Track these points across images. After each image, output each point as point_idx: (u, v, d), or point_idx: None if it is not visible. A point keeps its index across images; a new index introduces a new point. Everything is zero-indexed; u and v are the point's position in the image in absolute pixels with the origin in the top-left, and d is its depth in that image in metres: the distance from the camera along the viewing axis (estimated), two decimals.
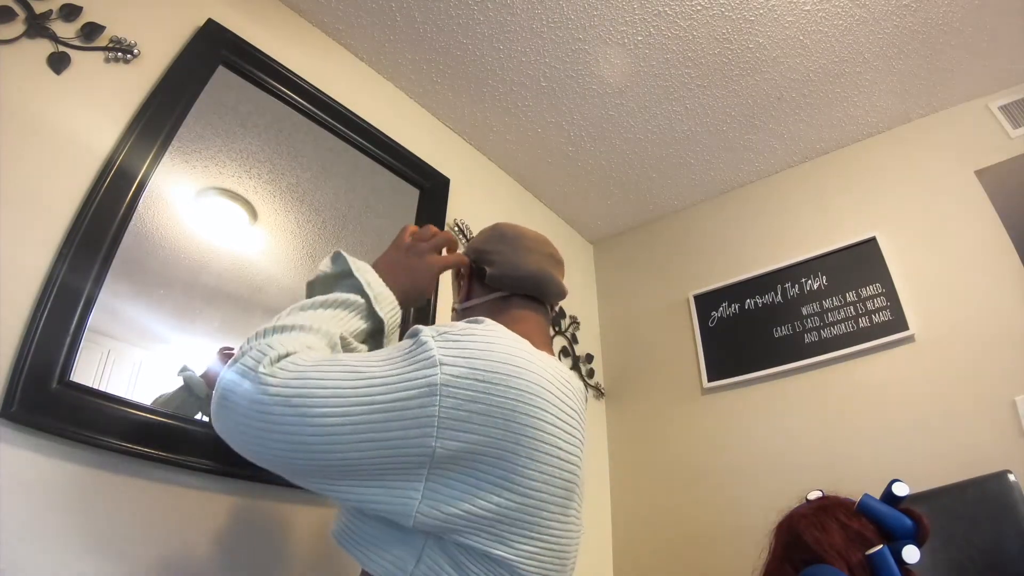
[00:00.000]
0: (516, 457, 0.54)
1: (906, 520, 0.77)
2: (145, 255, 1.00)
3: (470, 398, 0.52)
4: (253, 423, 0.50)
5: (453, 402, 0.52)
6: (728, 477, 1.64)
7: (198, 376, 1.01)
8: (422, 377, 0.52)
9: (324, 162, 1.38)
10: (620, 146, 1.85)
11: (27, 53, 0.93)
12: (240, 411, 0.51)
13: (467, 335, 0.56)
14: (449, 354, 0.54)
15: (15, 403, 0.77)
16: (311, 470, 0.52)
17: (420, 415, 0.51)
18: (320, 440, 0.50)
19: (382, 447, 0.51)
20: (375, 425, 0.50)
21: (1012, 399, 1.31)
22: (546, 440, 0.57)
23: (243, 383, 0.51)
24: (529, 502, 0.56)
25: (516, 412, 0.54)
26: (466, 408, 0.52)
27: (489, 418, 0.53)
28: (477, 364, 0.54)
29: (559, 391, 0.60)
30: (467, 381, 0.53)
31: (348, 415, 0.50)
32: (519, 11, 1.44)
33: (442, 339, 0.55)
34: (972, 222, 1.54)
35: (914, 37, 1.50)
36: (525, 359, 0.58)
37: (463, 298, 0.81)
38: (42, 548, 0.75)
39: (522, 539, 0.56)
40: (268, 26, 1.35)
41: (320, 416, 0.50)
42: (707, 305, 1.91)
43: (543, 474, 0.57)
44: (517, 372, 0.56)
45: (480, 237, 0.85)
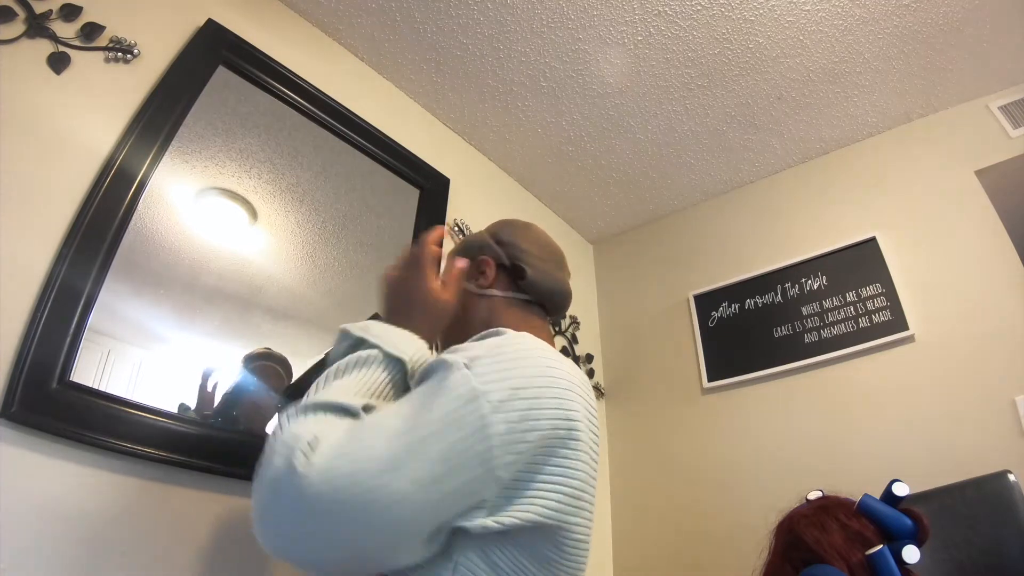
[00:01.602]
0: (565, 459, 0.56)
1: (906, 520, 0.77)
2: (145, 255, 1.00)
3: (519, 418, 0.53)
4: (307, 530, 0.44)
5: (505, 427, 0.51)
6: (728, 477, 1.64)
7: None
8: (469, 413, 0.50)
9: (324, 162, 1.38)
10: (620, 146, 1.85)
11: (27, 53, 0.93)
12: (288, 522, 0.45)
13: (497, 355, 0.56)
14: (487, 380, 0.53)
15: (15, 403, 0.77)
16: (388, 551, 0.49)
17: (480, 451, 0.50)
18: (389, 517, 0.46)
19: (452, 496, 0.49)
20: (439, 477, 0.48)
21: (1012, 399, 1.31)
22: (583, 436, 0.59)
23: (279, 490, 0.45)
24: (580, 488, 0.58)
25: (559, 418, 0.56)
26: (518, 428, 0.52)
27: (541, 431, 0.54)
28: (516, 383, 0.54)
29: (583, 390, 0.63)
30: (511, 403, 0.53)
31: (408, 479, 0.46)
32: (519, 11, 1.44)
33: (475, 366, 0.53)
34: (972, 222, 1.54)
35: (914, 37, 1.50)
36: (555, 365, 0.60)
37: (486, 284, 0.81)
38: (42, 548, 0.75)
39: (575, 525, 0.58)
40: (268, 26, 1.35)
41: (378, 491, 0.45)
42: (707, 305, 1.91)
43: (586, 464, 0.59)
44: (554, 382, 0.58)
45: (518, 232, 0.85)
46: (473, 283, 0.81)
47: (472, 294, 0.81)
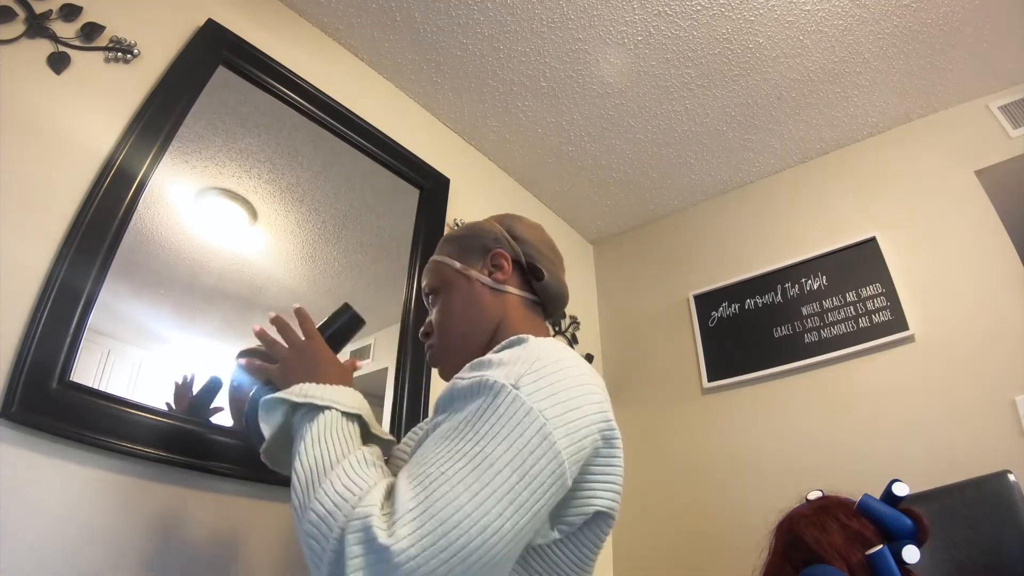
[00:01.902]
0: (614, 453, 0.59)
1: (906, 520, 0.77)
2: (145, 255, 1.00)
3: (575, 429, 0.54)
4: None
5: (567, 441, 0.52)
6: (728, 477, 1.64)
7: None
8: (536, 436, 0.50)
9: (324, 162, 1.38)
10: (620, 146, 1.85)
11: (27, 53, 0.93)
12: None
13: (539, 368, 0.55)
14: (539, 398, 0.52)
15: (15, 403, 0.77)
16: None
17: (555, 471, 0.50)
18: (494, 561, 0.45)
19: (538, 516, 0.50)
20: (528, 506, 0.48)
21: (1012, 399, 1.31)
22: (616, 433, 0.60)
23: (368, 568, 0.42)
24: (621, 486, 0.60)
25: (601, 420, 0.57)
26: (576, 439, 0.54)
27: (591, 435, 0.56)
28: (562, 397, 0.54)
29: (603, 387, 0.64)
30: (566, 416, 0.53)
31: (503, 519, 0.45)
32: (519, 11, 1.44)
33: (523, 384, 0.53)
34: (972, 222, 1.54)
35: (914, 37, 1.50)
36: (585, 371, 0.60)
37: (503, 279, 0.77)
38: (42, 548, 0.75)
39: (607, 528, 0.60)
40: (268, 26, 1.35)
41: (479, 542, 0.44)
42: (707, 305, 1.91)
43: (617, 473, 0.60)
44: (591, 387, 0.58)
45: (530, 231, 0.83)
46: (487, 275, 0.78)
47: (485, 287, 0.77)
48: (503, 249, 0.79)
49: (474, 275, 0.78)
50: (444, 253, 0.82)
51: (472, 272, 0.78)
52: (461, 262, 0.79)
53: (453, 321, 0.76)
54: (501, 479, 0.46)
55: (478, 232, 0.82)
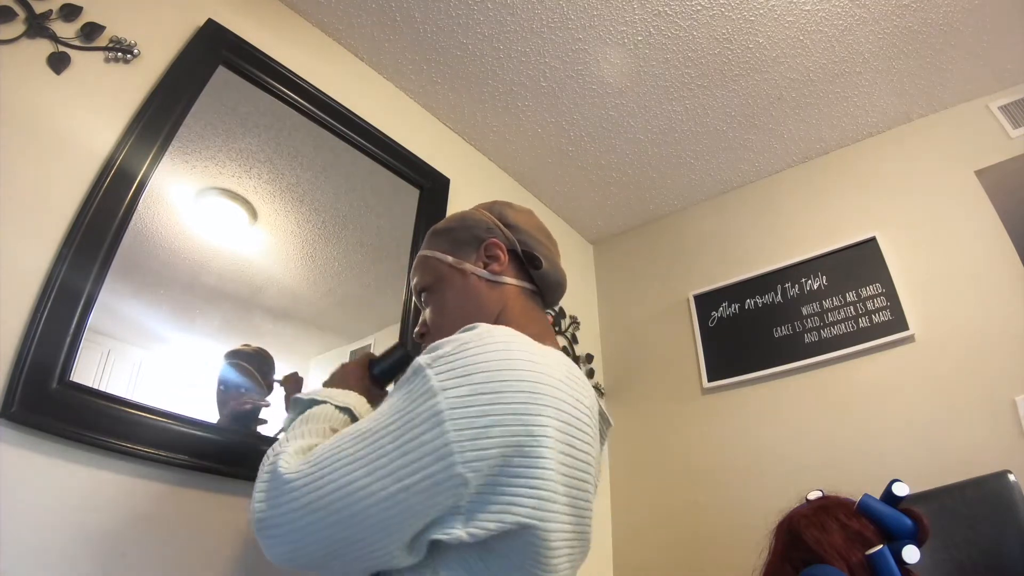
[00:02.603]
0: (540, 459, 0.53)
1: (906, 520, 0.77)
2: (145, 255, 1.00)
3: (480, 413, 0.51)
4: (288, 522, 0.51)
5: (465, 422, 0.50)
6: (728, 477, 1.64)
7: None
8: (426, 409, 0.51)
9: (324, 162, 1.38)
10: (620, 146, 1.85)
11: (27, 53, 0.93)
12: (276, 516, 0.52)
13: (460, 351, 0.54)
14: (447, 377, 0.52)
15: (15, 403, 0.77)
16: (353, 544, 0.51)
17: (434, 446, 0.49)
18: (353, 511, 0.50)
19: (412, 492, 0.49)
20: (397, 473, 0.49)
21: (1012, 399, 1.31)
22: (552, 435, 0.54)
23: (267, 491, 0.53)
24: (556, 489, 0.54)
25: (529, 413, 0.53)
26: (479, 424, 0.50)
27: (505, 427, 0.51)
28: (477, 378, 0.52)
29: (566, 383, 0.58)
30: (471, 398, 0.51)
31: (369, 474, 0.50)
32: (519, 11, 1.44)
33: (437, 365, 0.53)
34: (972, 222, 1.54)
35: (914, 37, 1.50)
36: (525, 357, 0.56)
37: (499, 270, 0.75)
38: (42, 548, 0.75)
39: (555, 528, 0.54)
40: (268, 26, 1.35)
41: (344, 487, 0.50)
42: (707, 305, 1.91)
43: (562, 464, 0.55)
44: (519, 375, 0.54)
45: (523, 218, 0.80)
46: (483, 267, 0.75)
47: (481, 279, 0.74)
48: (497, 238, 0.76)
49: (469, 268, 0.75)
50: (434, 248, 0.79)
51: (467, 265, 0.75)
52: (454, 256, 0.76)
53: (451, 318, 0.73)
54: (380, 444, 0.51)
55: (468, 223, 0.79)
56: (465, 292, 0.74)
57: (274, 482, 0.53)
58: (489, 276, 0.74)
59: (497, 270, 0.75)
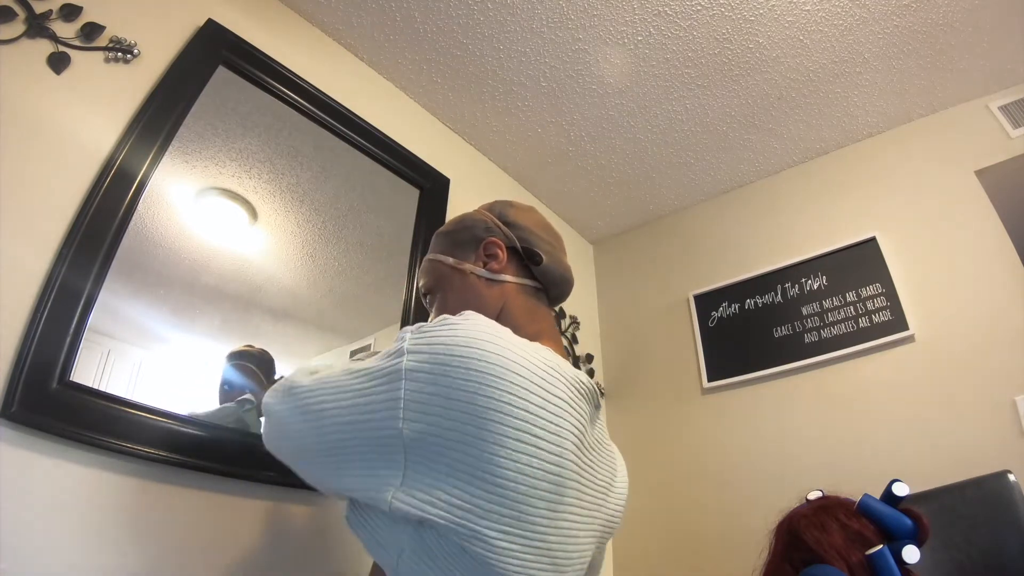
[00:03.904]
0: (483, 443, 0.51)
1: (906, 520, 0.77)
2: (145, 255, 1.00)
3: (430, 380, 0.53)
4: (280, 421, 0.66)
5: (415, 386, 0.53)
6: (728, 477, 1.64)
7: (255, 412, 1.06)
8: (390, 366, 0.56)
9: (324, 162, 1.38)
10: (620, 146, 1.85)
11: (27, 53, 0.93)
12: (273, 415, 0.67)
13: (440, 325, 0.57)
14: (418, 343, 0.56)
15: (15, 403, 0.77)
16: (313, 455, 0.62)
17: (386, 397, 0.54)
18: (316, 422, 0.61)
19: (361, 429, 0.56)
20: (355, 408, 0.57)
21: (1012, 399, 1.31)
22: (517, 427, 0.52)
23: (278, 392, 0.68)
24: (504, 493, 0.51)
25: (478, 395, 0.51)
26: (427, 391, 0.53)
27: (450, 401, 0.51)
28: (438, 349, 0.54)
29: (536, 377, 0.55)
30: (427, 365, 0.53)
31: (337, 401, 0.59)
32: (519, 11, 1.44)
33: (417, 332, 0.57)
34: (972, 222, 1.54)
35: (914, 37, 1.50)
36: (492, 343, 0.54)
37: (498, 268, 0.75)
38: (42, 548, 0.75)
39: (499, 534, 0.52)
40: (268, 26, 1.35)
41: (318, 403, 0.61)
42: (707, 305, 1.91)
43: (517, 463, 0.52)
44: (479, 355, 0.52)
45: (523, 215, 0.80)
46: (482, 267, 0.75)
47: (481, 279, 0.74)
48: (496, 237, 0.76)
49: (468, 268, 0.75)
50: (437, 250, 0.80)
51: (466, 265, 0.76)
52: (454, 257, 0.77)
53: None
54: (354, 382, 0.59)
55: (468, 223, 0.80)
56: (465, 292, 0.75)
57: (285, 386, 0.67)
58: (488, 275, 0.75)
59: (496, 268, 0.75)
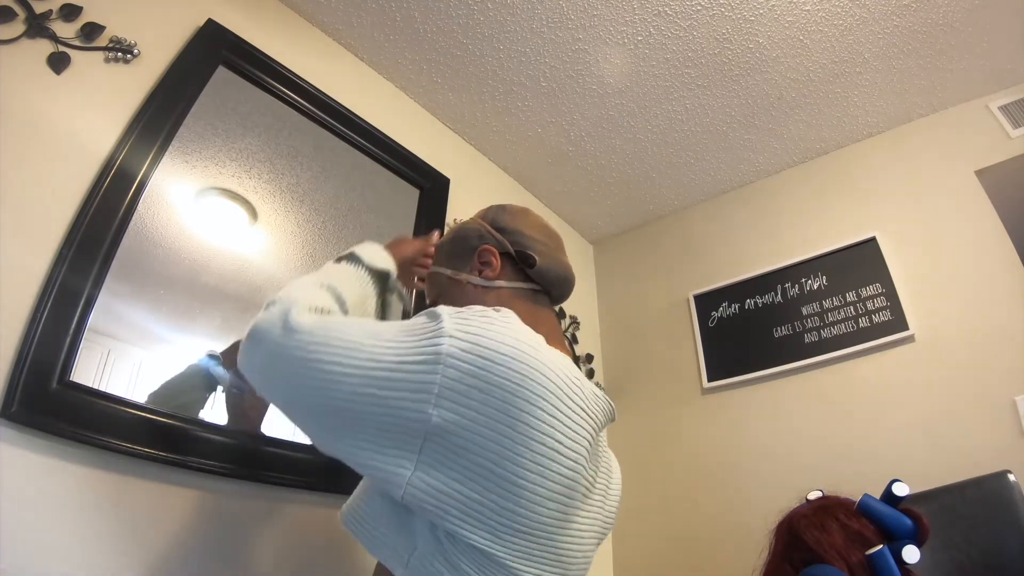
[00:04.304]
0: (511, 443, 0.52)
1: (906, 520, 0.77)
2: (145, 255, 1.00)
3: (471, 372, 0.52)
4: (275, 361, 0.56)
5: (455, 373, 0.52)
6: (728, 477, 1.64)
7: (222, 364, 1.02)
8: (430, 346, 0.53)
9: (324, 162, 1.38)
10: (620, 146, 1.85)
11: (27, 53, 0.93)
12: (265, 349, 0.56)
13: (481, 316, 0.57)
14: (459, 328, 0.54)
15: (15, 403, 0.77)
16: (318, 413, 0.55)
17: (421, 380, 0.52)
18: (325, 385, 0.53)
19: (382, 405, 0.52)
20: (379, 382, 0.52)
21: (1012, 399, 1.31)
22: (544, 432, 0.54)
23: (274, 325, 0.57)
24: (522, 495, 0.53)
25: (515, 396, 0.52)
26: (466, 382, 0.52)
27: (487, 396, 0.52)
28: (483, 341, 0.54)
29: (566, 387, 0.57)
30: (470, 356, 0.53)
31: (356, 367, 0.53)
32: (519, 11, 1.44)
33: (457, 317, 0.56)
34: (972, 222, 1.54)
35: (914, 37, 1.50)
36: (532, 347, 0.56)
37: (493, 275, 0.75)
38: (42, 548, 0.75)
39: (513, 535, 0.54)
40: (268, 26, 1.35)
41: (331, 363, 0.53)
42: (707, 305, 1.91)
43: (539, 466, 0.54)
44: (521, 356, 0.54)
45: (517, 218, 0.80)
46: (477, 275, 0.76)
47: (478, 287, 0.75)
48: (488, 244, 0.77)
49: (464, 278, 0.76)
50: (437, 263, 0.82)
51: (462, 276, 0.77)
52: (451, 268, 0.79)
53: None
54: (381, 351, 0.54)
55: (462, 234, 0.81)
56: (464, 302, 0.74)
57: (284, 320, 0.56)
58: (484, 283, 0.75)
59: (491, 276, 0.75)
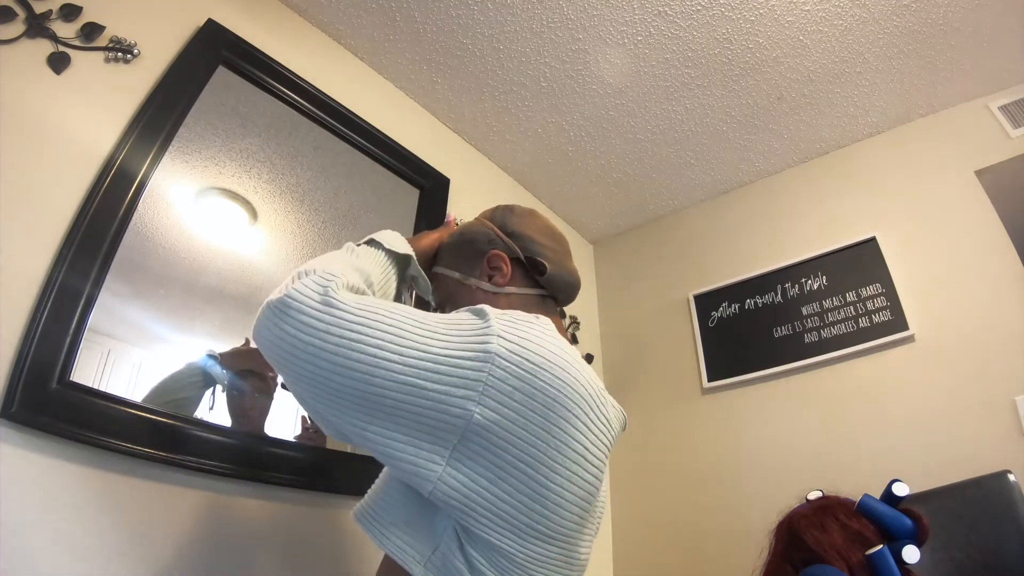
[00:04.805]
0: (546, 447, 0.54)
1: (906, 520, 0.77)
2: (145, 255, 1.00)
3: (517, 375, 0.53)
4: (309, 336, 0.52)
5: (501, 374, 0.52)
6: (728, 477, 1.64)
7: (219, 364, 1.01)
8: (480, 343, 0.53)
9: (324, 162, 1.38)
10: (620, 146, 1.85)
11: (27, 53, 0.93)
12: (300, 321, 0.52)
13: (525, 322, 0.58)
14: (507, 330, 0.55)
15: (15, 403, 0.77)
16: (348, 397, 0.52)
17: (469, 376, 0.52)
18: (365, 369, 0.51)
19: (424, 397, 0.51)
20: (424, 373, 0.51)
21: (1012, 399, 1.31)
22: (577, 439, 0.56)
23: (311, 297, 0.53)
24: (551, 498, 0.55)
25: (556, 402, 0.54)
26: (510, 383, 0.53)
27: (530, 399, 0.53)
28: (529, 346, 0.55)
29: (595, 399, 0.60)
30: (518, 358, 0.53)
31: (401, 355, 0.52)
32: (519, 11, 1.44)
33: (504, 319, 0.57)
34: (972, 222, 1.54)
35: (914, 37, 1.50)
36: (572, 357, 0.59)
37: (503, 282, 0.74)
38: (42, 548, 0.75)
39: (536, 538, 0.55)
40: (268, 26, 1.35)
41: (374, 347, 0.52)
42: (707, 305, 1.91)
43: (569, 471, 0.56)
44: (564, 365, 0.56)
45: (525, 222, 0.79)
46: (487, 281, 0.75)
47: (488, 293, 0.74)
48: (498, 249, 0.76)
49: (474, 284, 0.75)
50: (442, 264, 0.80)
51: (471, 280, 0.76)
52: (460, 272, 0.77)
53: None
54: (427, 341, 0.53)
55: (470, 236, 0.79)
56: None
57: (323, 292, 0.53)
58: (494, 289, 0.74)
59: (501, 282, 0.75)
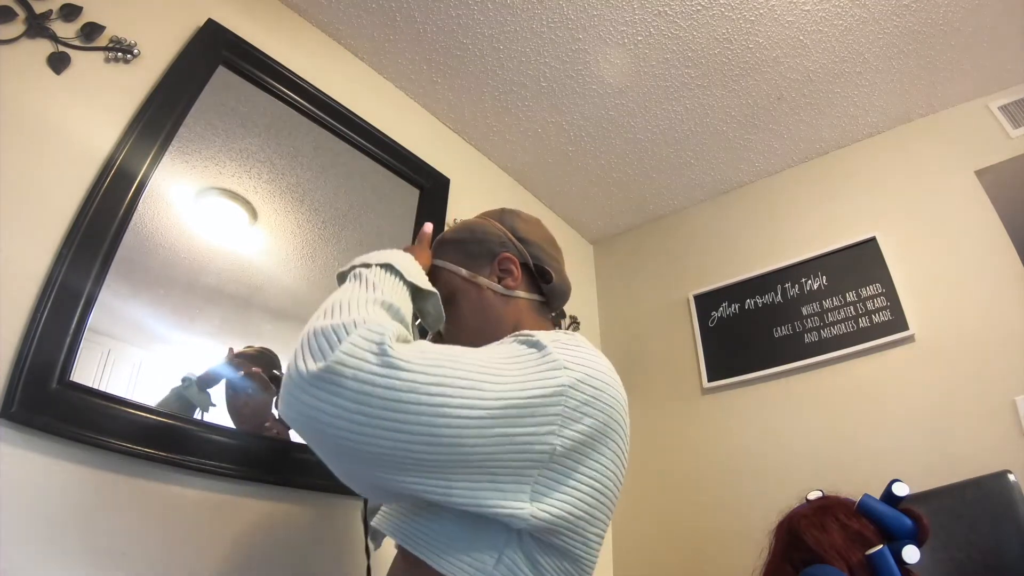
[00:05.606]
0: (606, 459, 0.59)
1: (906, 520, 0.77)
2: (145, 255, 1.00)
3: (585, 400, 0.56)
4: (375, 408, 0.45)
5: (574, 403, 0.55)
6: (728, 477, 1.64)
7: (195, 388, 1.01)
8: (553, 379, 0.55)
9: (324, 162, 1.38)
10: (620, 146, 1.85)
11: (27, 53, 0.93)
12: (361, 392, 0.45)
13: (575, 345, 0.61)
14: (570, 359, 0.58)
15: (15, 403, 0.77)
16: (429, 464, 0.48)
17: (550, 413, 0.53)
18: (452, 433, 0.47)
19: (512, 443, 0.51)
20: (510, 420, 0.51)
21: (1012, 399, 1.31)
22: (621, 447, 0.62)
23: (367, 360, 0.46)
24: (608, 504, 0.61)
25: (611, 418, 0.59)
26: (581, 410, 0.56)
27: (593, 420, 0.57)
28: (591, 372, 0.59)
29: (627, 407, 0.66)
30: (585, 386, 0.57)
31: (486, 408, 0.49)
32: (519, 11, 1.44)
33: (561, 346, 0.59)
34: (972, 222, 1.53)
35: (914, 37, 1.50)
36: (614, 373, 0.64)
37: (514, 285, 0.75)
38: (42, 548, 0.76)
39: (598, 540, 0.61)
40: (268, 26, 1.35)
41: (458, 407, 0.48)
42: (707, 305, 1.91)
43: (618, 478, 0.62)
44: (614, 383, 0.62)
45: (532, 230, 0.80)
46: (496, 282, 0.75)
47: (497, 294, 0.75)
48: (510, 252, 0.77)
49: (483, 283, 0.75)
50: (448, 259, 0.79)
51: (481, 280, 0.75)
52: (468, 269, 0.77)
53: (467, 332, 0.74)
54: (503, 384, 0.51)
55: (480, 235, 0.79)
56: (482, 306, 0.75)
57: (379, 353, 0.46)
58: (503, 291, 0.75)
59: (511, 285, 0.76)
